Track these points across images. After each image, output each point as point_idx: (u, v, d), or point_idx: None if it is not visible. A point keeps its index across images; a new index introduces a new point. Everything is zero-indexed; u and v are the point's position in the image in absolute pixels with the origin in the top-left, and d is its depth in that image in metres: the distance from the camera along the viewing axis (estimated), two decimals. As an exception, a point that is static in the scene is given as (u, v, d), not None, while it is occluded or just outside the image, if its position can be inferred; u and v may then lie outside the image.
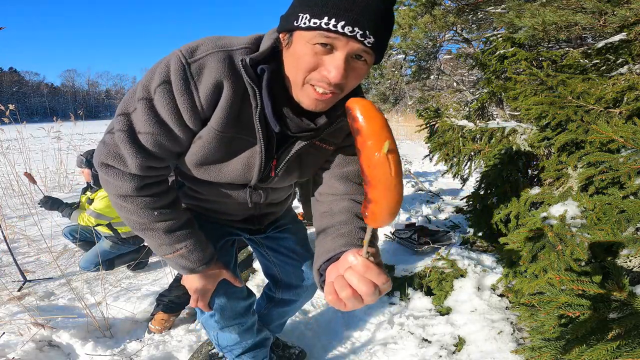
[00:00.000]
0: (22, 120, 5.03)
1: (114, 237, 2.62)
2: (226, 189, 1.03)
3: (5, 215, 3.70)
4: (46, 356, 1.64)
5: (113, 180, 0.87)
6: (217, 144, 0.86)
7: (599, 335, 0.95)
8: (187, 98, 0.77)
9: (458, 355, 1.58)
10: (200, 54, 0.77)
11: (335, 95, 0.75)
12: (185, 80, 0.76)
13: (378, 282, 0.56)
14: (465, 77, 7.90)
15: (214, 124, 0.82)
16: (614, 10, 1.46)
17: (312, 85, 0.73)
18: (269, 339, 1.41)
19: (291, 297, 1.41)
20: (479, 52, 2.96)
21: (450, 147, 2.27)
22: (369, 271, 0.56)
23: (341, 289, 0.56)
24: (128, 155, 0.82)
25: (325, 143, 0.95)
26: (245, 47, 0.80)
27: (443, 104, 6.51)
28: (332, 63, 0.69)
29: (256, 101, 0.80)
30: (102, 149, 0.85)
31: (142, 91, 0.79)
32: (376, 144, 0.45)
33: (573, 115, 1.52)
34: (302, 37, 0.69)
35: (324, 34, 0.66)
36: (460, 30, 5.18)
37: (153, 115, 0.79)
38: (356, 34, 0.65)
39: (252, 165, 0.92)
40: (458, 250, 2.26)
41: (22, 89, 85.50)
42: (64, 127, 5.66)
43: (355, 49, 0.68)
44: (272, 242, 1.33)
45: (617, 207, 1.21)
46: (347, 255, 0.60)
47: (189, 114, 0.79)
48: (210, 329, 1.21)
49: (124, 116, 0.82)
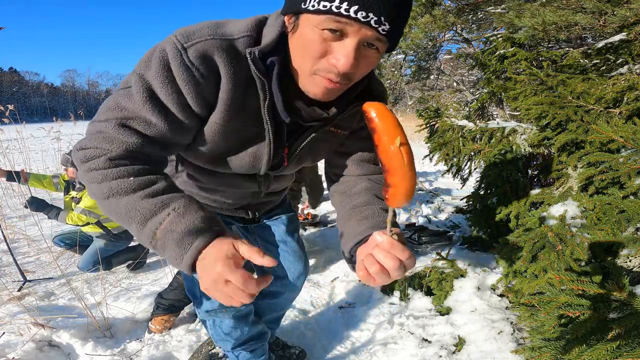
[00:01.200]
0: (22, 120, 5.03)
1: (105, 235, 2.61)
2: (233, 178, 0.99)
3: (5, 215, 3.70)
4: (46, 356, 1.64)
5: (88, 152, 0.71)
6: (223, 137, 0.81)
7: (599, 335, 0.95)
8: (187, 82, 0.70)
9: (458, 355, 1.58)
10: (196, 39, 0.70)
11: (344, 85, 0.71)
12: (183, 64, 0.69)
13: (403, 257, 0.61)
14: (465, 77, 7.90)
15: (215, 118, 0.77)
16: (614, 10, 1.46)
17: (320, 75, 0.68)
18: (266, 333, 1.41)
19: (278, 289, 1.39)
20: (479, 52, 2.96)
21: (450, 147, 2.27)
22: (393, 248, 0.62)
23: (370, 265, 0.62)
24: (117, 139, 0.70)
25: (340, 128, 0.91)
26: (247, 36, 0.73)
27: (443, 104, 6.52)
28: (342, 51, 0.64)
29: (265, 93, 0.75)
30: (86, 138, 0.74)
31: (139, 80, 0.71)
32: (390, 139, 0.55)
33: (573, 115, 1.52)
34: (310, 21, 0.64)
35: (334, 19, 0.60)
36: (460, 30, 5.18)
37: (155, 104, 0.71)
38: (370, 20, 0.60)
39: (261, 156, 0.88)
40: (458, 250, 2.26)
41: (22, 89, 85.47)
42: (64, 127, 5.66)
43: (368, 37, 0.63)
44: (264, 230, 1.32)
45: (617, 207, 1.21)
46: (374, 235, 0.64)
47: (194, 98, 0.73)
48: (205, 314, 1.21)
49: (117, 106, 0.72)
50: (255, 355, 1.37)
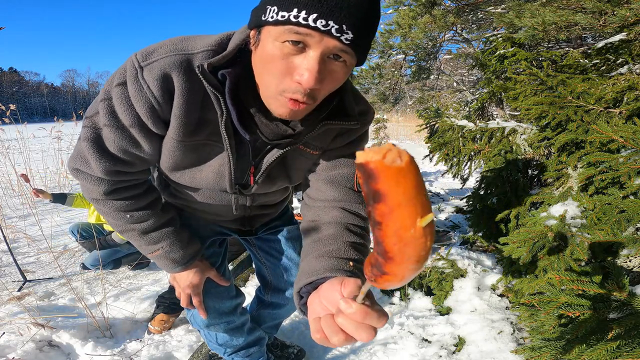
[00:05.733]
0: (22, 120, 5.03)
1: None
2: (209, 193, 0.97)
3: (5, 215, 3.70)
4: (46, 356, 1.64)
5: (83, 183, 0.86)
6: (182, 152, 0.80)
7: (599, 335, 0.95)
8: (143, 103, 0.71)
9: (458, 355, 1.58)
10: (154, 58, 0.70)
11: (309, 105, 0.66)
12: (138, 84, 0.70)
13: (380, 324, 0.49)
14: (465, 77, 7.90)
15: (172, 133, 0.77)
16: (614, 10, 1.46)
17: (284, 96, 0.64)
18: (264, 338, 1.39)
19: (280, 301, 1.37)
20: (479, 52, 2.96)
21: (450, 147, 2.27)
22: (368, 317, 0.48)
23: (333, 334, 0.50)
24: (92, 159, 0.79)
25: (310, 148, 0.86)
26: (208, 50, 0.71)
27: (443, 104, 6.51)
28: (304, 64, 0.59)
29: (221, 109, 0.72)
30: (73, 153, 0.85)
31: (103, 94, 0.75)
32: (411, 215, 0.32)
33: (573, 115, 1.52)
34: (270, 34, 0.60)
35: (293, 29, 0.57)
36: (460, 30, 5.18)
37: (114, 120, 0.75)
38: (331, 29, 0.56)
39: (224, 174, 0.85)
40: (458, 250, 2.26)
41: (22, 89, 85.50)
42: (65, 127, 5.66)
43: (331, 47, 0.58)
44: (264, 243, 1.29)
45: (617, 207, 1.21)
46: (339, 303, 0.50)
47: (149, 119, 0.74)
48: (197, 326, 1.21)
49: (88, 120, 0.79)
50: (252, 358, 1.36)
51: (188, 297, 1.06)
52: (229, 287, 1.16)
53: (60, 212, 3.93)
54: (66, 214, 3.91)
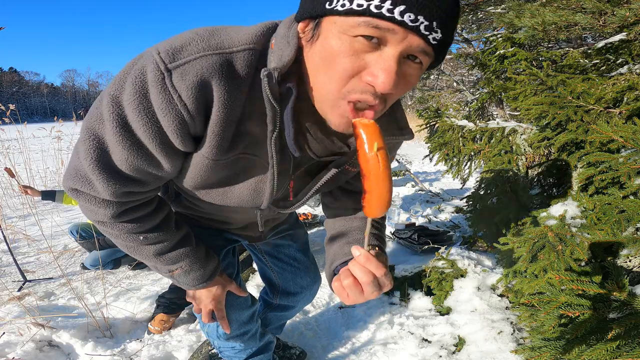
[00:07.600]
0: (22, 120, 5.03)
1: None
2: (235, 208, 0.87)
3: (5, 215, 3.70)
4: (46, 356, 1.64)
5: (86, 205, 0.72)
6: (214, 171, 0.68)
7: (599, 335, 0.95)
8: (172, 118, 0.57)
9: (458, 355, 1.58)
10: (185, 57, 0.55)
11: (377, 111, 0.55)
12: (166, 93, 0.55)
13: (378, 273, 0.59)
14: (465, 77, 7.90)
15: (205, 152, 0.63)
16: (613, 10, 1.46)
17: (350, 101, 0.53)
18: (272, 342, 1.39)
19: (289, 304, 1.37)
20: (479, 52, 2.96)
21: (450, 147, 2.27)
22: (368, 262, 0.59)
23: (345, 277, 0.60)
24: (98, 180, 0.64)
25: (352, 166, 0.76)
26: (251, 49, 0.58)
27: (443, 104, 6.51)
28: (380, 64, 0.49)
29: (275, 124, 0.61)
30: (69, 170, 0.69)
31: (111, 104, 0.58)
32: (369, 145, 0.54)
33: (573, 115, 1.52)
34: (337, 26, 0.49)
35: (372, 22, 0.46)
36: (460, 30, 5.18)
37: (127, 135, 0.59)
38: (420, 25, 0.46)
39: (262, 191, 0.75)
40: (458, 250, 2.26)
41: (22, 89, 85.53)
42: (65, 127, 5.66)
43: (414, 47, 0.48)
44: (272, 248, 1.27)
45: (617, 207, 1.21)
46: (352, 249, 0.62)
47: (178, 136, 0.60)
48: (214, 339, 1.16)
49: (89, 131, 0.62)
50: None
51: (210, 313, 1.00)
52: (246, 297, 1.13)
53: (60, 212, 3.93)
54: (66, 214, 3.91)
